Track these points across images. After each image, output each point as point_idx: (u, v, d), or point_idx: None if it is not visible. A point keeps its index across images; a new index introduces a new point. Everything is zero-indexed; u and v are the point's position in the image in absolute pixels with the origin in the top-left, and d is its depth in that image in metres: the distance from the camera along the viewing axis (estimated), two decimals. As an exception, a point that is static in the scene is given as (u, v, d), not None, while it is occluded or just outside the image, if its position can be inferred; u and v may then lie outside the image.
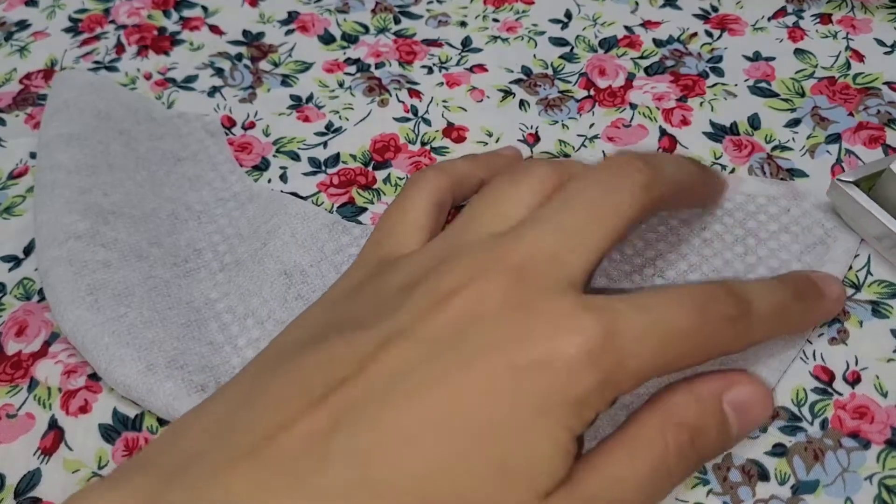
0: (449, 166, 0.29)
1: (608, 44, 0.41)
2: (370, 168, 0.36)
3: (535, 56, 0.40)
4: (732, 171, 0.34)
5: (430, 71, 0.40)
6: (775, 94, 0.37)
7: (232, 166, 0.36)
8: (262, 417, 0.20)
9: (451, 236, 0.25)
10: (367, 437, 0.19)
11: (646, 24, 0.41)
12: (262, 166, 0.36)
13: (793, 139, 0.35)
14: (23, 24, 0.44)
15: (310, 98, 0.39)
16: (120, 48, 0.42)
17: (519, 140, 0.36)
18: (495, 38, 0.41)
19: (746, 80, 0.38)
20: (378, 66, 0.40)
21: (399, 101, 0.38)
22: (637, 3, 0.43)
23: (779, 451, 0.26)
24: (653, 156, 0.25)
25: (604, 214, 0.23)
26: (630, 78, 0.39)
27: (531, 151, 0.36)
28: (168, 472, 0.19)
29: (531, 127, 0.37)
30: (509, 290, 0.21)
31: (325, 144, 0.37)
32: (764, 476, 0.26)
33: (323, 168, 0.36)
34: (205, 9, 0.44)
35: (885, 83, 0.37)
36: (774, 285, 0.25)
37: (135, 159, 0.35)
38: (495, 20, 0.42)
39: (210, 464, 0.19)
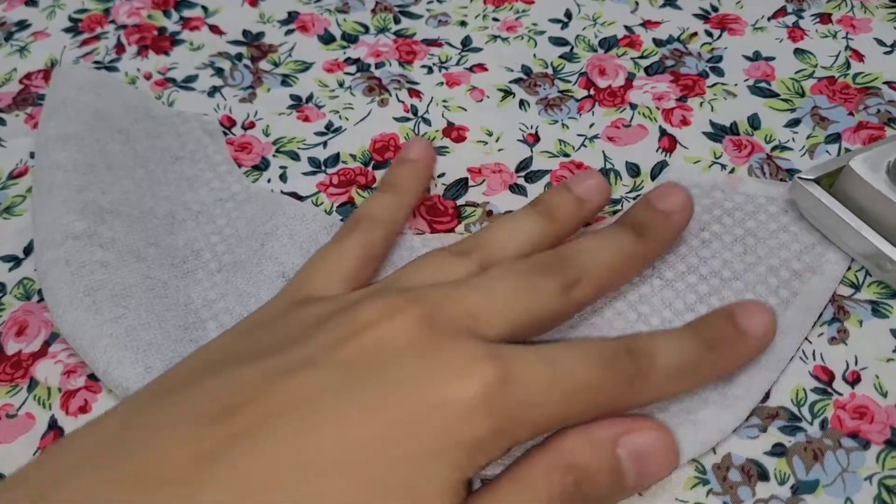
0: (378, 211, 0.30)
1: (608, 43, 0.40)
2: (370, 168, 0.36)
3: (535, 56, 0.40)
4: (732, 170, 0.34)
5: (430, 71, 0.40)
6: (775, 94, 0.37)
7: (230, 167, 0.36)
8: (149, 439, 0.20)
9: (374, 288, 0.25)
10: (252, 465, 0.19)
11: (646, 24, 0.41)
12: (262, 166, 0.36)
13: (793, 139, 0.35)
14: (23, 24, 0.44)
15: (310, 98, 0.39)
16: (120, 48, 0.42)
17: (519, 140, 0.36)
18: (495, 37, 0.41)
19: (746, 80, 0.38)
20: (378, 65, 0.40)
21: (399, 100, 0.38)
22: (637, 3, 0.42)
23: (778, 451, 0.26)
24: (577, 251, 0.27)
25: (522, 300, 0.24)
26: (630, 78, 0.39)
27: (531, 151, 0.36)
28: (38, 491, 0.19)
29: (531, 127, 0.37)
30: (419, 330, 0.21)
31: (324, 144, 0.37)
32: (764, 476, 0.26)
33: (323, 168, 0.36)
34: (205, 9, 0.44)
35: (884, 83, 0.37)
36: (684, 337, 0.25)
37: (133, 158, 0.35)
38: (495, 20, 0.42)
39: (85, 483, 0.19)
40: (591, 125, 0.37)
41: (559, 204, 0.29)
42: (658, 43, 0.40)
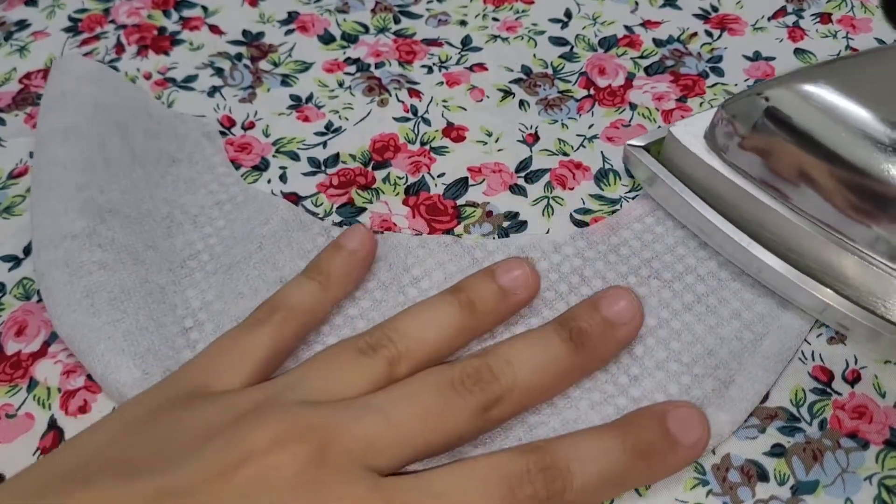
0: (297, 302, 0.28)
1: (608, 43, 0.40)
2: (370, 168, 0.36)
3: (534, 55, 0.40)
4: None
5: (430, 70, 0.40)
6: (775, 94, 0.37)
7: (228, 169, 0.36)
8: None
9: (270, 389, 0.24)
10: None
11: (646, 24, 0.41)
12: (262, 166, 0.36)
13: (792, 139, 0.35)
14: (22, 24, 0.44)
15: (310, 98, 0.39)
16: (120, 48, 0.42)
17: (518, 140, 0.36)
18: (495, 37, 0.41)
19: (746, 80, 0.38)
20: (378, 65, 0.40)
21: (399, 100, 0.38)
22: (637, 3, 0.42)
23: (778, 451, 0.26)
24: (506, 362, 0.25)
25: (436, 425, 0.23)
26: (630, 77, 0.39)
27: (531, 151, 0.36)
28: None
29: (531, 126, 0.37)
30: (308, 465, 0.20)
31: (324, 144, 0.37)
32: (763, 476, 0.26)
33: (323, 168, 0.36)
34: (205, 9, 0.44)
35: (885, 83, 0.37)
36: (608, 442, 0.23)
37: (131, 156, 0.35)
38: (495, 19, 0.42)
39: None
40: (591, 125, 0.37)
41: (482, 295, 0.27)
42: (658, 43, 0.40)
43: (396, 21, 0.43)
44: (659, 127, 0.36)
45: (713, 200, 0.30)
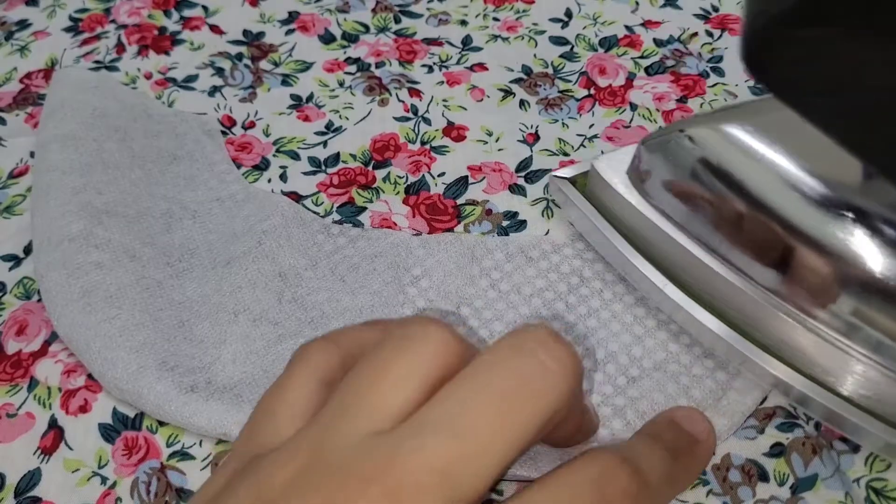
0: (339, 335, 0.24)
1: (608, 43, 0.40)
2: (370, 168, 0.36)
3: (535, 55, 0.40)
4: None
5: (431, 70, 0.40)
6: (775, 94, 0.37)
7: (228, 167, 0.36)
8: None
9: (316, 433, 0.20)
10: None
11: (646, 24, 0.41)
12: (262, 166, 0.36)
13: (793, 139, 0.35)
14: (23, 24, 0.44)
15: (310, 97, 0.39)
16: (120, 48, 0.42)
17: (519, 140, 0.36)
18: (495, 37, 0.41)
19: (747, 81, 0.38)
20: (378, 65, 0.40)
21: (399, 100, 0.38)
22: (637, 3, 0.42)
23: (777, 451, 0.26)
24: (563, 346, 0.20)
25: (516, 413, 0.18)
26: (630, 77, 0.39)
27: (531, 151, 0.36)
28: None
29: (531, 126, 0.37)
30: None
31: (325, 144, 0.37)
32: (763, 477, 0.26)
33: (323, 167, 0.36)
34: (205, 8, 0.44)
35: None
36: (651, 447, 0.22)
37: (130, 157, 0.35)
38: (496, 19, 0.42)
39: None
40: (591, 125, 0.37)
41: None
42: (658, 43, 0.40)
43: (397, 21, 0.43)
44: (602, 152, 0.35)
45: (634, 238, 0.29)
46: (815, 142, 0.20)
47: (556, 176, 0.31)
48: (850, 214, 0.23)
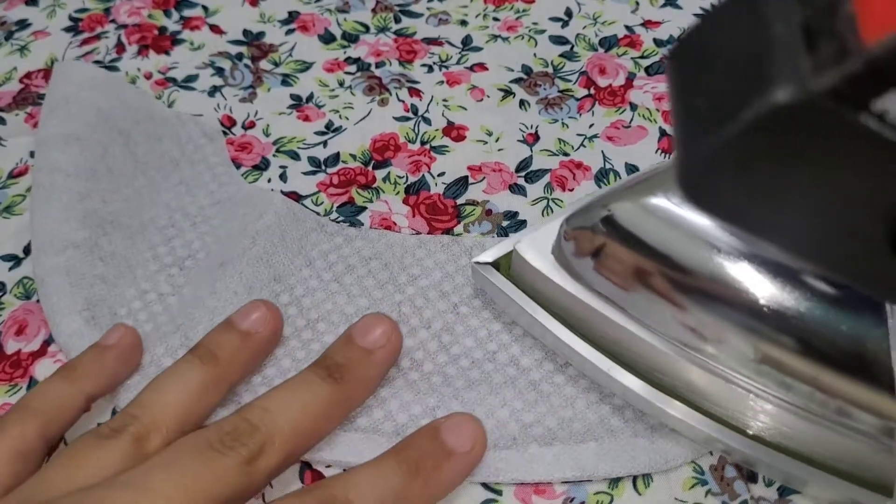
0: (39, 400, 0.25)
1: (608, 43, 0.40)
2: (370, 167, 0.36)
3: (535, 55, 0.40)
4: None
5: (431, 70, 0.40)
6: (776, 94, 0.37)
7: (228, 169, 0.36)
8: None
9: (13, 500, 0.22)
10: None
11: (646, 24, 0.41)
12: (262, 166, 0.36)
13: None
14: (23, 24, 0.44)
15: (310, 97, 0.39)
16: (120, 48, 0.42)
17: (519, 140, 0.36)
18: (495, 36, 0.41)
19: (747, 80, 0.38)
20: (378, 65, 0.40)
21: (399, 100, 0.38)
22: (638, 3, 0.42)
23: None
24: (264, 410, 0.24)
25: (200, 490, 0.21)
26: (630, 77, 0.39)
27: (531, 151, 0.36)
28: None
29: (531, 126, 0.37)
30: None
31: (325, 144, 0.37)
32: (752, 478, 0.26)
33: (323, 167, 0.36)
34: (205, 8, 0.44)
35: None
36: (384, 467, 0.23)
37: (133, 163, 0.35)
38: (496, 19, 0.42)
39: None
40: (591, 125, 0.37)
41: (220, 343, 0.27)
42: (659, 43, 0.40)
43: (397, 20, 0.43)
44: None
45: (567, 318, 0.28)
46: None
47: (477, 262, 0.29)
48: (772, 271, 0.23)
